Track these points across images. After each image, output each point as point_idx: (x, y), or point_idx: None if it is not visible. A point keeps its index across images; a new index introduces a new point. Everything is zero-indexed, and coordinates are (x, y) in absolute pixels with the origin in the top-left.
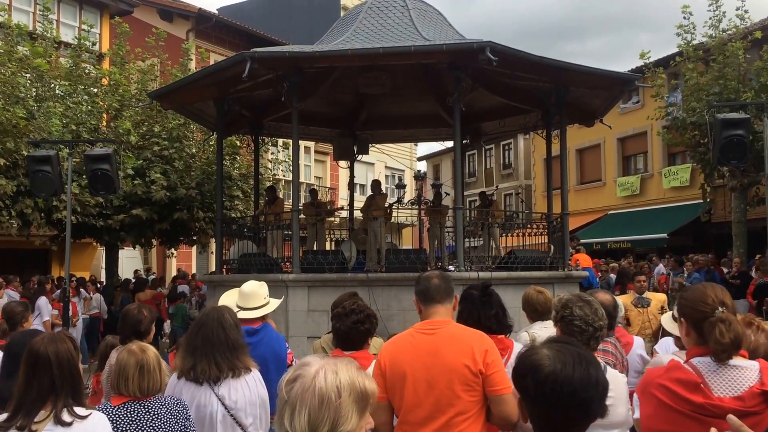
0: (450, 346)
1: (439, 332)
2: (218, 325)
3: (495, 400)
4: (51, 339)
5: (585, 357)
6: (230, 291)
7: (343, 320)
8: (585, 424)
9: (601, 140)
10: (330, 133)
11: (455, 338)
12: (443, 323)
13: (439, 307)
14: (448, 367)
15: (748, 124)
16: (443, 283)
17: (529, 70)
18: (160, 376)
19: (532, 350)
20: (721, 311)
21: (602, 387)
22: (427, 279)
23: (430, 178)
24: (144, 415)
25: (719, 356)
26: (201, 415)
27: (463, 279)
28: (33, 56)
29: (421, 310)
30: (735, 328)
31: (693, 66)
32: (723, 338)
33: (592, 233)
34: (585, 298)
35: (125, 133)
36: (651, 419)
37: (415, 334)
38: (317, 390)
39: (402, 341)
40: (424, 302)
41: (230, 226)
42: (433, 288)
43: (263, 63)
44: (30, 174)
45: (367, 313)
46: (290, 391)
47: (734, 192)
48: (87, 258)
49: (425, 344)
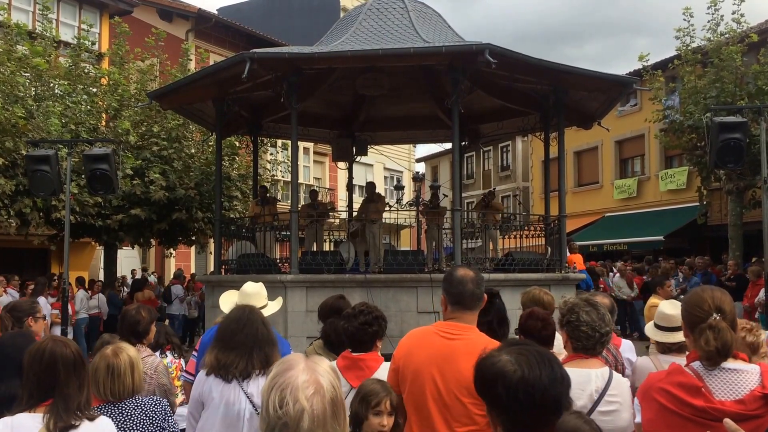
0: (467, 355)
1: (459, 339)
2: (261, 322)
3: None
4: (60, 342)
5: (546, 355)
6: (229, 292)
7: (351, 321)
8: (555, 420)
9: (598, 143)
10: (329, 134)
11: (473, 349)
12: (465, 329)
13: (466, 314)
14: (460, 377)
15: (746, 128)
16: (477, 289)
17: (527, 73)
18: (132, 380)
19: (492, 357)
20: (714, 318)
21: (567, 381)
22: (461, 283)
23: (428, 179)
24: (117, 416)
25: (705, 362)
26: (230, 413)
27: None
28: (32, 55)
29: (446, 309)
30: (723, 336)
31: (691, 69)
32: (708, 346)
33: (589, 235)
34: (591, 302)
35: (124, 133)
36: (652, 423)
37: (434, 335)
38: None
39: (420, 339)
40: (452, 305)
41: (229, 227)
42: (467, 295)
43: (263, 64)
44: (29, 173)
45: (376, 315)
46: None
47: (730, 195)
48: (86, 258)
49: (443, 349)
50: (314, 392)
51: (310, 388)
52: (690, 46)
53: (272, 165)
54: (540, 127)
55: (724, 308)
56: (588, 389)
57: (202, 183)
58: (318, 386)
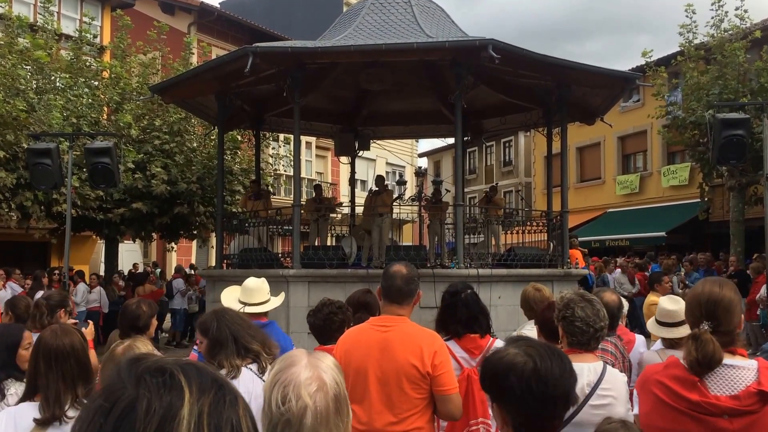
0: (401, 344)
1: (393, 330)
2: (226, 326)
3: (441, 399)
4: (63, 332)
5: (553, 349)
6: (230, 287)
7: (316, 315)
8: (563, 414)
9: (601, 138)
10: (331, 129)
11: (406, 338)
12: (397, 321)
13: (395, 307)
14: (397, 365)
15: (748, 125)
16: (405, 286)
17: (530, 68)
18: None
19: (499, 352)
20: (701, 328)
21: (575, 375)
22: (391, 278)
23: (430, 174)
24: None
25: (690, 368)
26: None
27: (463, 276)
28: (33, 48)
29: (381, 303)
30: (705, 348)
31: (694, 65)
32: (689, 356)
33: (591, 231)
34: (587, 297)
35: (126, 127)
36: (649, 415)
37: (369, 330)
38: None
39: (357, 336)
40: (383, 298)
41: (231, 221)
42: (394, 290)
43: (265, 58)
44: (30, 167)
45: (339, 305)
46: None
47: (732, 191)
48: (86, 251)
49: (378, 340)
50: (317, 389)
51: (313, 384)
52: (693, 43)
53: (274, 159)
54: (543, 122)
55: (718, 313)
56: (580, 383)
57: (204, 177)
58: (321, 383)
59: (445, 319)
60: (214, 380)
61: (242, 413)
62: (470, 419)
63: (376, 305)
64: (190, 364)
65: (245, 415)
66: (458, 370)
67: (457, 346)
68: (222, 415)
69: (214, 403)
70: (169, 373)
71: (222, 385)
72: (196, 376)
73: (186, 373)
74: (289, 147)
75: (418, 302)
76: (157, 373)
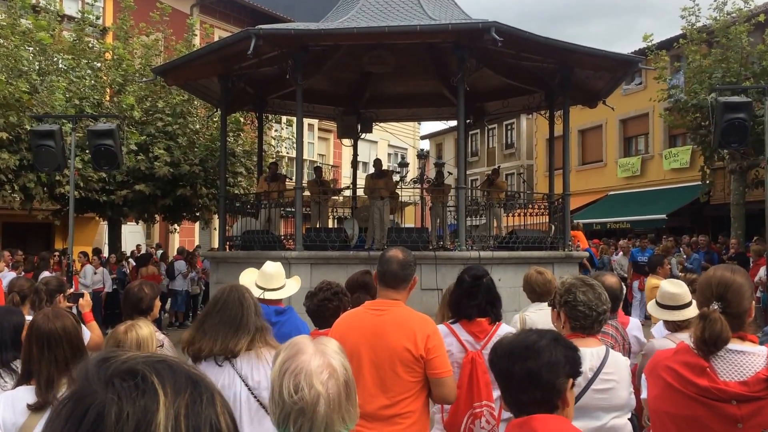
0: (395, 328)
1: (387, 314)
2: (239, 303)
3: (435, 383)
4: (56, 315)
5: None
6: (249, 270)
7: (312, 299)
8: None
9: (603, 121)
10: (334, 111)
11: (400, 321)
12: (392, 305)
13: (391, 292)
14: (391, 349)
15: (750, 108)
16: (400, 271)
17: (533, 51)
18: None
19: (517, 335)
20: (710, 307)
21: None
22: (387, 263)
23: (432, 156)
24: None
25: (696, 347)
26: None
27: (464, 258)
28: (36, 30)
29: (378, 287)
30: (712, 327)
31: (696, 48)
32: (697, 334)
33: (593, 213)
34: (588, 282)
35: (129, 109)
36: (657, 400)
37: (364, 314)
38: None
39: (352, 320)
40: (379, 282)
41: (233, 203)
42: (389, 274)
43: (268, 40)
44: (33, 148)
45: (335, 291)
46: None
47: (733, 174)
48: (90, 232)
49: (373, 324)
50: (329, 376)
51: (325, 372)
52: (695, 26)
53: (277, 141)
54: (545, 105)
55: (728, 296)
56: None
57: (207, 159)
58: (332, 370)
59: (462, 302)
60: (188, 378)
61: (220, 410)
62: (474, 402)
63: (374, 285)
64: (161, 362)
65: (224, 412)
66: (462, 352)
67: (463, 330)
68: (200, 415)
69: (191, 403)
70: (141, 375)
71: (197, 382)
72: (169, 376)
73: (159, 373)
74: (291, 129)
75: (415, 286)
76: (128, 376)
